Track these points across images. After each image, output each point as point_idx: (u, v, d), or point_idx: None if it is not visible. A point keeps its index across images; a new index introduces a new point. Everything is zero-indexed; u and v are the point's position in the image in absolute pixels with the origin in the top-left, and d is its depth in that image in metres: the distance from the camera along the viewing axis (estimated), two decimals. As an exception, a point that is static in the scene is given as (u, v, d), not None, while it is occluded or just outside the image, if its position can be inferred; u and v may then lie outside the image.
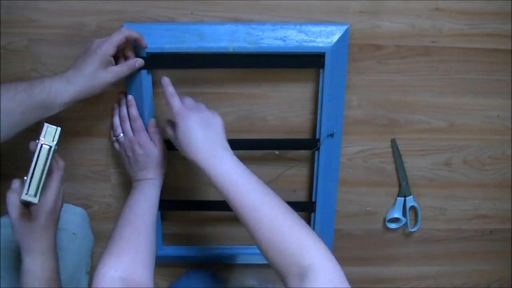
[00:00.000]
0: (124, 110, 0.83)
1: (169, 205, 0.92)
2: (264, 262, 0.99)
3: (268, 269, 1.00)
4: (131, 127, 0.83)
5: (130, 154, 0.82)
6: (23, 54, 0.82)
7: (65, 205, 0.90)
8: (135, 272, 0.67)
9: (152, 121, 0.83)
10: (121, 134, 0.83)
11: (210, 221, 0.95)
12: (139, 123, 0.82)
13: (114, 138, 0.85)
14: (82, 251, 0.91)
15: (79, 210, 0.92)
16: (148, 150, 0.81)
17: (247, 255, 0.96)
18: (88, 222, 0.93)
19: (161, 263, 0.97)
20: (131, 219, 0.74)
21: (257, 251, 0.95)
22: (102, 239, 0.96)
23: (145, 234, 0.73)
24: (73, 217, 0.90)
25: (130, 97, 0.82)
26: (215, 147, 0.70)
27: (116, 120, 0.84)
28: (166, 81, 0.76)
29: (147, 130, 0.83)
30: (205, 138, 0.70)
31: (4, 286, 0.83)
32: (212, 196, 0.93)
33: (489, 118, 0.90)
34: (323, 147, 0.86)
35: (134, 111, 0.82)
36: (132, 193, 0.80)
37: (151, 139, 0.82)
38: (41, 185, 0.65)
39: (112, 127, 0.85)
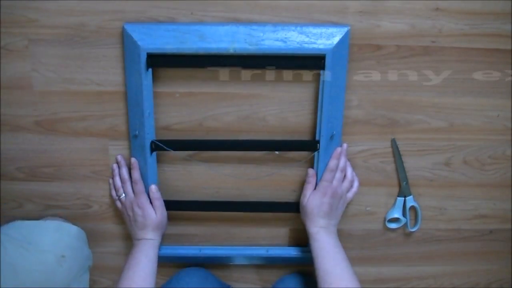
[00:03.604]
0: (124, 172, 0.88)
1: (169, 205, 0.92)
2: (264, 263, 1.00)
3: (267, 270, 1.00)
4: (132, 188, 0.88)
5: (130, 213, 0.87)
6: (23, 54, 0.82)
7: (59, 223, 0.88)
8: None
9: (153, 187, 0.87)
10: (123, 195, 0.88)
11: (210, 221, 0.95)
12: (139, 186, 0.87)
13: (117, 197, 0.89)
14: (71, 274, 0.86)
15: (73, 229, 0.88)
16: (146, 212, 0.86)
17: (247, 256, 0.96)
18: (84, 240, 0.90)
19: (160, 263, 0.97)
20: (135, 281, 0.78)
21: (255, 251, 0.96)
22: (102, 239, 0.96)
23: None
24: (65, 237, 0.86)
25: (133, 160, 0.87)
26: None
27: (118, 181, 0.89)
28: None
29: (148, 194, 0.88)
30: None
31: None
32: (212, 196, 0.93)
33: (489, 118, 0.90)
34: (322, 148, 0.86)
35: (136, 175, 0.87)
36: (133, 252, 0.83)
37: (151, 202, 0.87)
38: None
39: (114, 186, 0.89)
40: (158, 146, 0.85)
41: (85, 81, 0.84)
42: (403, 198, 0.93)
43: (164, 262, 0.96)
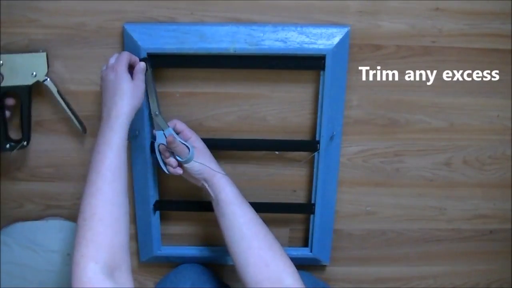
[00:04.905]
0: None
1: (169, 205, 0.92)
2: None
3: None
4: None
5: (102, 83, 0.75)
6: (23, 54, 0.82)
7: (62, 222, 0.89)
8: (115, 257, 0.62)
9: (141, 65, 0.76)
10: (105, 67, 0.77)
11: (210, 221, 0.95)
12: (124, 54, 0.75)
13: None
14: None
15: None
16: (120, 78, 0.72)
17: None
18: None
19: (160, 263, 0.97)
20: (101, 188, 0.65)
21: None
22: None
23: (119, 204, 0.66)
24: (70, 236, 0.87)
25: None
26: None
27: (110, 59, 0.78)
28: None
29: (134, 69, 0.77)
30: None
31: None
32: (212, 196, 0.93)
33: (489, 118, 0.90)
34: (322, 148, 0.86)
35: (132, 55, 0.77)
36: (98, 143, 0.69)
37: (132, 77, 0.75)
38: None
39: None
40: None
41: (85, 81, 0.84)
42: (162, 132, 0.81)
43: (164, 263, 0.96)
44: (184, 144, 0.79)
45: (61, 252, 0.85)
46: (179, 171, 0.81)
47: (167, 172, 0.83)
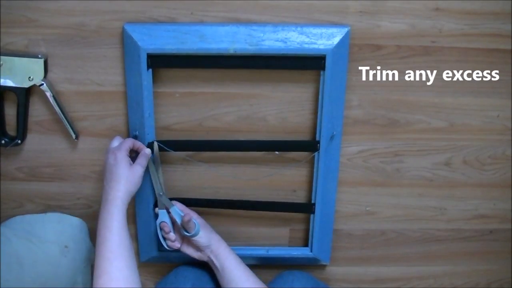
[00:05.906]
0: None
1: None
2: (264, 263, 0.99)
3: (267, 270, 1.00)
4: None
5: (104, 166, 0.79)
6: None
7: (60, 215, 0.90)
8: None
9: (147, 150, 0.83)
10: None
11: (210, 222, 0.95)
12: (128, 141, 0.81)
13: None
14: (75, 265, 0.88)
15: (75, 221, 0.90)
16: (118, 163, 0.77)
17: (247, 256, 0.96)
18: (86, 232, 0.91)
19: (160, 263, 0.97)
20: (105, 268, 0.70)
21: (255, 251, 0.96)
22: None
23: (124, 279, 0.70)
24: (68, 228, 0.88)
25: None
26: None
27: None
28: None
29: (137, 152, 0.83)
30: None
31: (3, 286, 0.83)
32: (212, 197, 0.93)
33: (489, 118, 0.90)
34: (323, 148, 0.86)
35: (137, 143, 0.83)
36: (99, 226, 0.74)
37: (132, 160, 0.80)
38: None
39: None
40: (158, 146, 0.85)
41: (85, 81, 0.84)
42: (165, 211, 0.86)
43: (163, 263, 0.96)
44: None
45: (58, 243, 0.86)
46: (177, 244, 0.87)
47: (166, 246, 0.88)
